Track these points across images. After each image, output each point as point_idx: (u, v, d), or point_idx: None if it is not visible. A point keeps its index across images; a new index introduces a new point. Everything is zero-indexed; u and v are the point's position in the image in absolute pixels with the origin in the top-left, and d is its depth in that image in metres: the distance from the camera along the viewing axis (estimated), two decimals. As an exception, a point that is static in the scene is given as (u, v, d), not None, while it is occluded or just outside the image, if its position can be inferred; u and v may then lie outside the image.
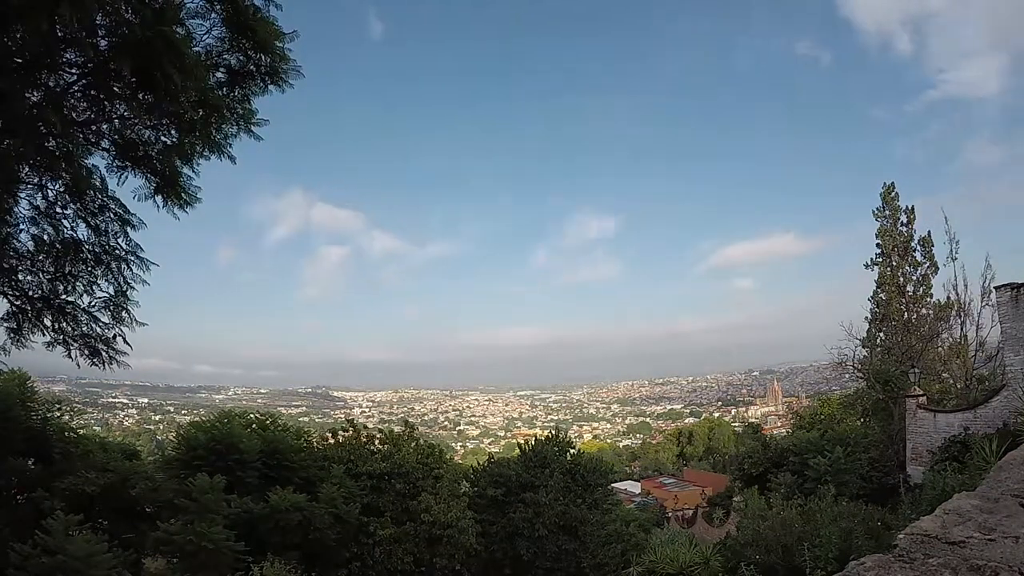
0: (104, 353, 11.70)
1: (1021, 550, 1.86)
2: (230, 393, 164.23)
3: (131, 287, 11.51)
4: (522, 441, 27.70)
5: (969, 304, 23.53)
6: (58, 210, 10.78)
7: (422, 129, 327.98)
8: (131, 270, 11.38)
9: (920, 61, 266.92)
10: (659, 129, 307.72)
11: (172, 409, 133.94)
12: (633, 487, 48.38)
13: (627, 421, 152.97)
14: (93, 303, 11.54)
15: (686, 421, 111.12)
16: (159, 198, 10.39)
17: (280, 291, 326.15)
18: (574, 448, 24.41)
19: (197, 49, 9.04)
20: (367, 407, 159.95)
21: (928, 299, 26.34)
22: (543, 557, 19.75)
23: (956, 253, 23.99)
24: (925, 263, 26.75)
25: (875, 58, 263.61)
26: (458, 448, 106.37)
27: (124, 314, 11.64)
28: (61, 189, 10.58)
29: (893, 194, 27.86)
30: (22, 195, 10.39)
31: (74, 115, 9.51)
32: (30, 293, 11.36)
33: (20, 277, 11.26)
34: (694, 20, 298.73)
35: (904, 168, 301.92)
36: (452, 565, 18.19)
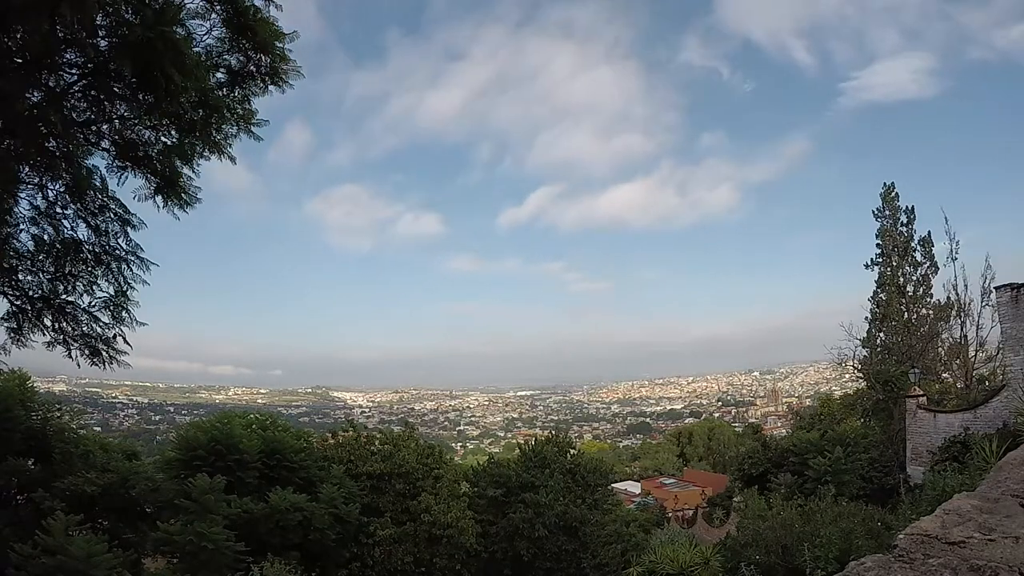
0: (104, 353, 11.69)
1: (1021, 550, 1.86)
2: (230, 393, 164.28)
3: (131, 287, 11.52)
4: (522, 441, 27.70)
5: (969, 304, 23.56)
6: (58, 210, 10.78)
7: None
8: (131, 270, 11.37)
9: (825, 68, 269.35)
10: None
11: (172, 409, 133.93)
12: (633, 487, 48.29)
13: (627, 421, 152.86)
14: (93, 303, 11.54)
15: (686, 421, 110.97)
16: (159, 198, 10.40)
17: (280, 291, 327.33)
18: (574, 448, 24.41)
19: (197, 49, 9.03)
20: (367, 407, 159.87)
21: (928, 299, 26.36)
22: (543, 557, 19.74)
23: (956, 253, 24.04)
24: (925, 263, 26.77)
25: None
26: (458, 448, 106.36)
27: (124, 314, 11.64)
28: (61, 189, 10.58)
29: (893, 194, 27.87)
30: (22, 195, 10.40)
31: (74, 115, 9.50)
32: (30, 293, 11.36)
33: (20, 277, 11.26)
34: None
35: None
36: (452, 565, 18.19)
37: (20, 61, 8.52)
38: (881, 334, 27.05)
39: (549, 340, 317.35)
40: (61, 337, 11.53)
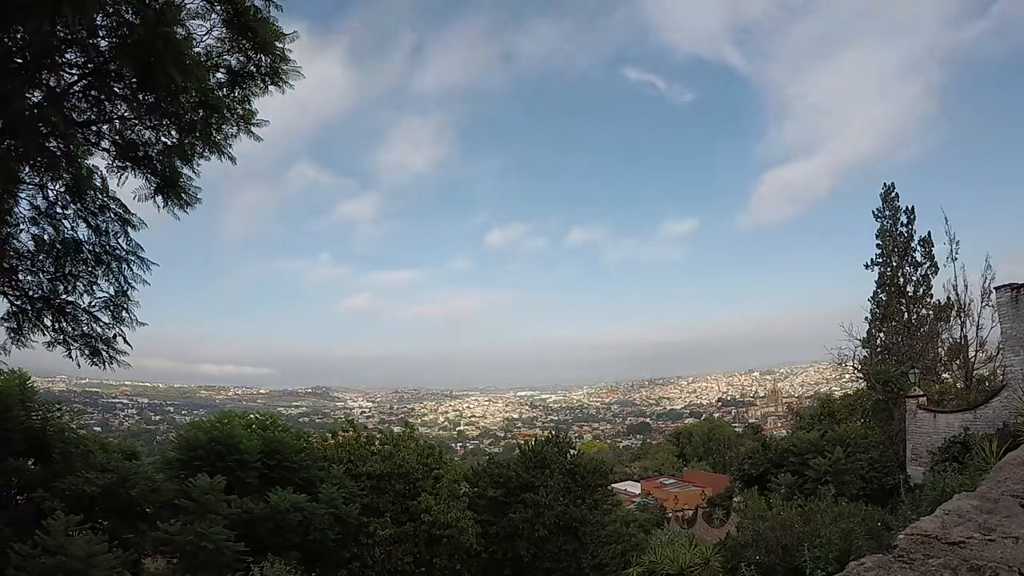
0: (104, 353, 11.68)
1: (1021, 550, 1.87)
2: (230, 393, 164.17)
3: (131, 287, 11.52)
4: (522, 442, 27.67)
5: (969, 304, 23.58)
6: (58, 210, 10.78)
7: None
8: (131, 270, 11.37)
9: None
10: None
11: (172, 409, 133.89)
12: (633, 487, 48.26)
13: (627, 421, 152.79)
14: (93, 303, 11.54)
15: (686, 421, 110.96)
16: (159, 198, 10.41)
17: (281, 291, 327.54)
18: (574, 448, 24.38)
19: (197, 50, 9.04)
20: (367, 407, 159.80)
21: (928, 299, 26.35)
22: (543, 557, 19.73)
23: (956, 253, 24.06)
24: (925, 263, 26.75)
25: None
26: (458, 448, 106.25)
27: (124, 314, 11.64)
28: (61, 189, 10.58)
29: (893, 195, 27.86)
30: (22, 195, 10.39)
31: (75, 115, 9.51)
32: (30, 293, 11.35)
33: (20, 277, 11.25)
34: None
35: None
36: (452, 565, 18.18)
37: (20, 61, 8.52)
38: (881, 334, 27.05)
39: (548, 340, 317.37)
40: (61, 337, 11.52)
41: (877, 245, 27.72)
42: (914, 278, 26.81)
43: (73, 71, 9.09)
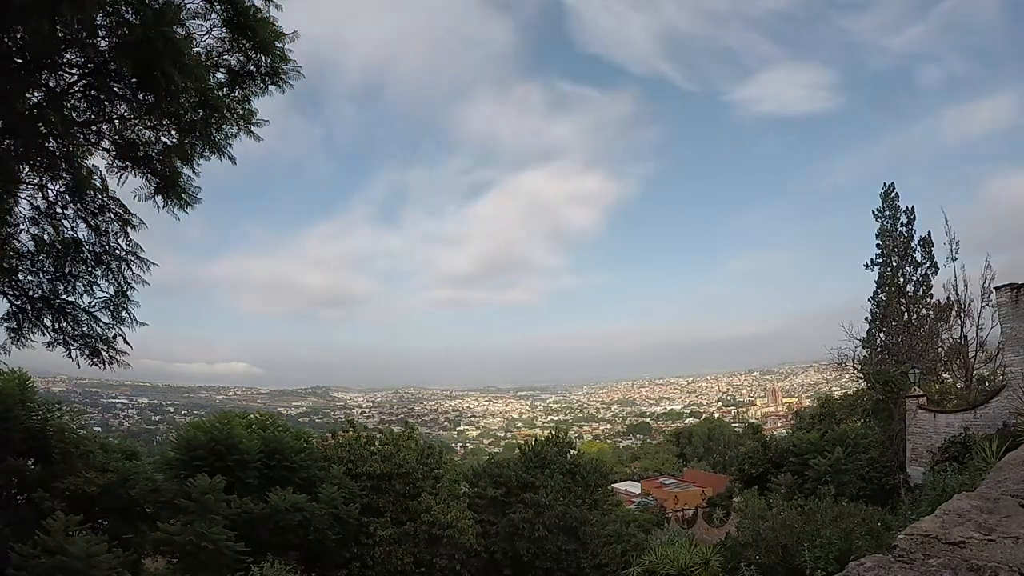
0: (104, 353, 11.69)
1: (1021, 550, 1.86)
2: (230, 393, 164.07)
3: (131, 287, 11.53)
4: (522, 441, 27.69)
5: (969, 304, 23.54)
6: (58, 210, 10.79)
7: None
8: (131, 270, 11.39)
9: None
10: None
11: (172, 409, 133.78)
12: (633, 487, 48.22)
13: (627, 421, 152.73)
14: (93, 303, 11.55)
15: (686, 421, 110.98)
16: (159, 198, 10.41)
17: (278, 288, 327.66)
18: (574, 448, 24.40)
19: (197, 50, 9.04)
20: (367, 407, 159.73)
21: (928, 299, 26.31)
22: (543, 557, 19.73)
23: (956, 253, 24.04)
24: (925, 263, 26.72)
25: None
26: (458, 448, 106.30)
27: (124, 314, 11.65)
28: (61, 189, 10.59)
29: (893, 195, 27.84)
30: (22, 195, 10.40)
31: (74, 115, 9.51)
32: (30, 293, 11.36)
33: (20, 277, 11.26)
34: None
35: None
36: (452, 565, 18.19)
37: (20, 61, 8.52)
38: (881, 334, 27.02)
39: (549, 340, 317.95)
40: (61, 337, 11.52)
41: (877, 245, 27.69)
42: (914, 278, 26.78)
43: (73, 71, 9.09)
